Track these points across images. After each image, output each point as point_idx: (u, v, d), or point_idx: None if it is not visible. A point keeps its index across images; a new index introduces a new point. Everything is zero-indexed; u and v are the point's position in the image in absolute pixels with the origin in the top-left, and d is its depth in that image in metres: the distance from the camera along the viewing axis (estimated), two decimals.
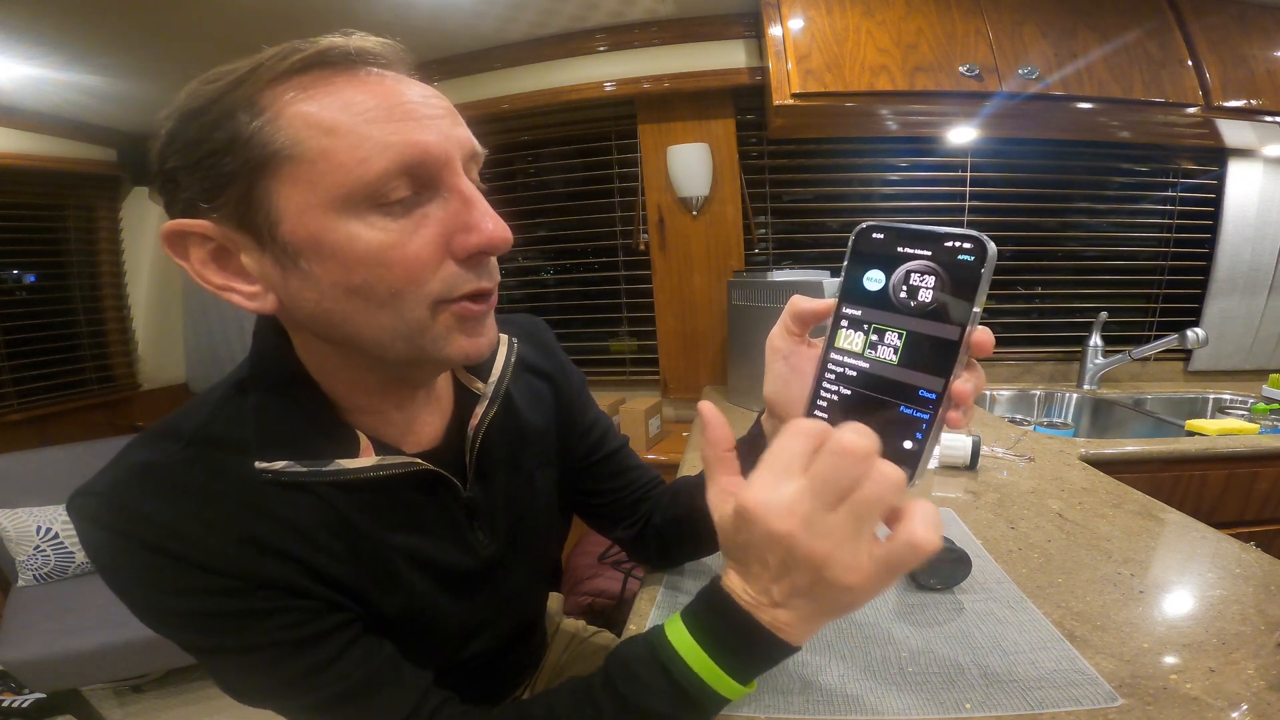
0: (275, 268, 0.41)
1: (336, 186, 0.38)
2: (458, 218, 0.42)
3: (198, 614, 0.42)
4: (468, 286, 0.43)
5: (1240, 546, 0.75)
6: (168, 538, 0.41)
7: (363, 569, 0.48)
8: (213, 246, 0.41)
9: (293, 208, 0.39)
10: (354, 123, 0.38)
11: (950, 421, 0.33)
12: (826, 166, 1.93)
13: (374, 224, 0.39)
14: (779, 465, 0.33)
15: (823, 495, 0.32)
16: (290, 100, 0.38)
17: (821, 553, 0.32)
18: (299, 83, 0.39)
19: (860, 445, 0.31)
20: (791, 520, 0.32)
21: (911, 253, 0.34)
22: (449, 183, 0.42)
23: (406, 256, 0.40)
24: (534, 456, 0.64)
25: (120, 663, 1.57)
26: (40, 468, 1.93)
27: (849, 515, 0.32)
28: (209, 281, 0.42)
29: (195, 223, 0.40)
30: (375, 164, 0.38)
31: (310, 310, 0.42)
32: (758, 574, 0.36)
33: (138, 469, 0.43)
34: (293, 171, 0.38)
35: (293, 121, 0.38)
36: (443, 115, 0.42)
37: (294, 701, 0.45)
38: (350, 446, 0.48)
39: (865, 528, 0.32)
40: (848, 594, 0.33)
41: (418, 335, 0.43)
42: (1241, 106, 1.47)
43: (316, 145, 0.38)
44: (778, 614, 0.36)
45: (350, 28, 0.42)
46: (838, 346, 0.37)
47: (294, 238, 0.39)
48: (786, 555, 0.33)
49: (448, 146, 0.41)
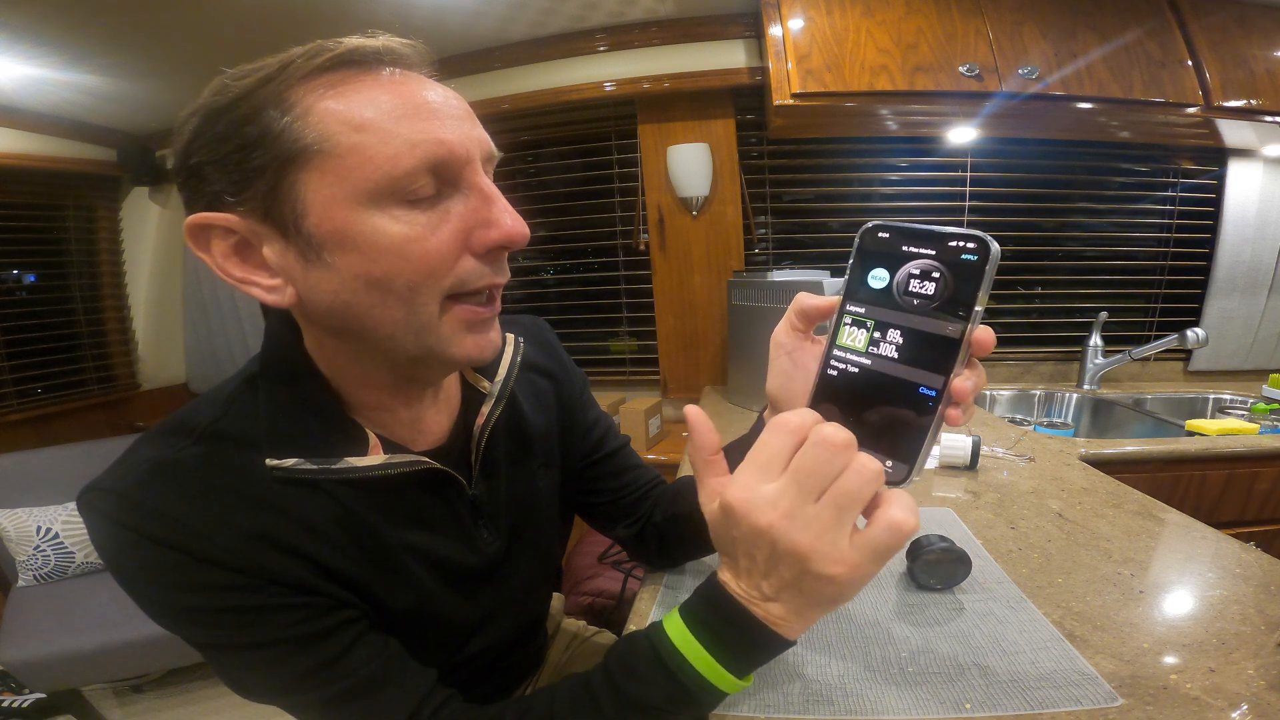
0: (298, 260, 0.42)
1: (365, 180, 0.39)
2: (478, 214, 0.43)
3: (207, 610, 0.42)
4: (481, 281, 0.44)
5: (1240, 546, 0.75)
6: (178, 533, 0.41)
7: (371, 566, 0.48)
8: (236, 240, 0.42)
9: (320, 200, 0.40)
10: (382, 120, 0.39)
11: (949, 419, 0.34)
12: (826, 166, 1.93)
13: (399, 217, 0.41)
14: (762, 461, 0.34)
15: (804, 488, 0.33)
16: (319, 97, 0.39)
17: (804, 545, 0.33)
18: (327, 80, 0.40)
19: (839, 437, 0.32)
20: (773, 513, 0.33)
21: (916, 251, 0.34)
22: (470, 180, 0.43)
23: (428, 250, 0.41)
24: (537, 455, 0.64)
25: (120, 663, 1.57)
26: (40, 468, 1.93)
27: (830, 506, 0.33)
28: (230, 274, 0.43)
29: (220, 216, 0.41)
30: (404, 160, 0.39)
31: (328, 303, 0.43)
32: (747, 569, 0.37)
33: (148, 465, 0.43)
34: (322, 165, 0.39)
35: (323, 118, 0.39)
36: (463, 117, 0.44)
37: (300, 698, 0.45)
38: (359, 444, 0.49)
39: (846, 518, 0.33)
40: (833, 585, 0.34)
41: (426, 332, 0.44)
42: (1241, 106, 1.47)
43: (347, 141, 0.39)
44: (770, 608, 0.37)
45: (368, 28, 0.43)
46: (840, 343, 0.37)
47: (320, 230, 0.40)
48: (771, 549, 0.34)
49: (469, 145, 0.43)
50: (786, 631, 0.37)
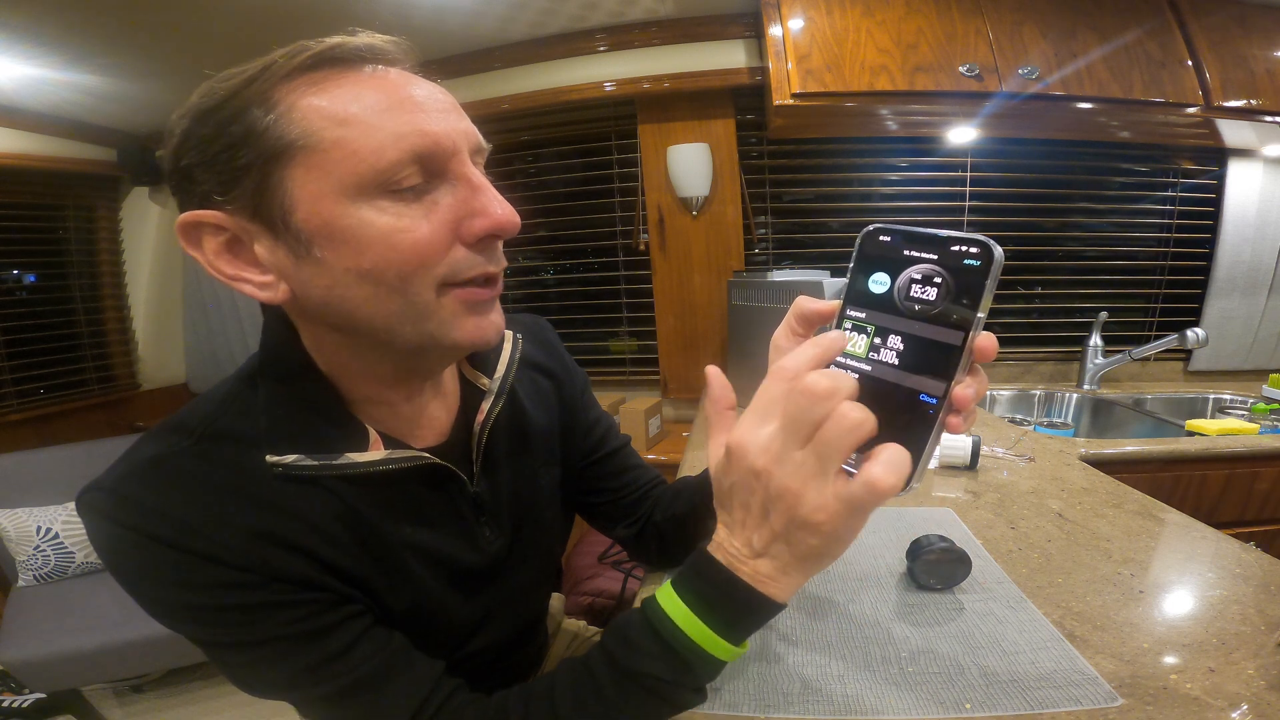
0: (288, 256, 0.42)
1: (351, 174, 0.40)
2: (466, 203, 0.43)
3: (209, 608, 0.42)
4: (475, 270, 0.45)
5: (1240, 546, 0.75)
6: (179, 532, 0.41)
7: (372, 562, 0.48)
8: (226, 237, 0.43)
9: (307, 196, 0.40)
10: (365, 114, 0.40)
11: (950, 426, 0.33)
12: (826, 166, 1.93)
13: (386, 209, 0.41)
14: (759, 406, 0.35)
15: (790, 433, 0.34)
16: (302, 94, 0.40)
17: (793, 489, 0.34)
18: (310, 78, 0.40)
19: (821, 385, 0.33)
20: (766, 456, 0.34)
21: (917, 256, 0.34)
22: (457, 171, 0.44)
23: (417, 240, 0.41)
24: (539, 454, 0.64)
25: (120, 663, 1.58)
26: (40, 468, 1.93)
27: (814, 453, 0.33)
28: (221, 272, 0.43)
29: (209, 214, 0.42)
30: (389, 152, 0.40)
31: (322, 298, 0.43)
32: (741, 520, 0.38)
33: (147, 463, 0.43)
34: (307, 161, 0.40)
35: (306, 114, 0.39)
36: (449, 109, 0.44)
37: (306, 693, 0.45)
38: (359, 440, 0.49)
39: (829, 466, 0.33)
40: (818, 534, 0.34)
41: (425, 319, 0.44)
42: (1241, 106, 1.47)
43: (331, 135, 0.39)
44: (759, 565, 0.38)
45: (354, 27, 0.43)
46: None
47: (308, 225, 0.41)
48: (765, 492, 0.35)
49: (455, 137, 0.43)
50: (775, 592, 0.38)
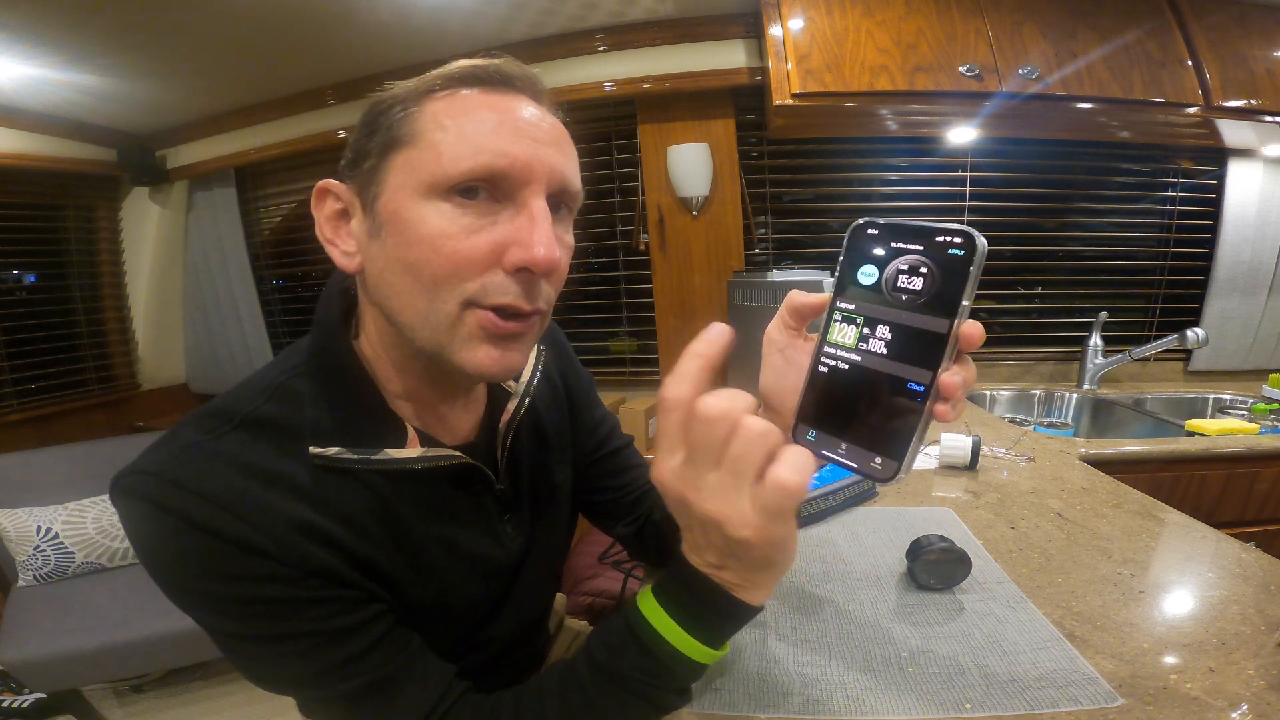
0: (367, 234, 0.46)
1: (427, 174, 0.43)
2: (518, 232, 0.44)
3: (239, 599, 0.41)
4: (504, 298, 0.44)
5: (1240, 546, 0.75)
6: (222, 520, 0.40)
7: (402, 557, 0.49)
8: (340, 206, 0.48)
9: (393, 185, 0.44)
10: (464, 124, 0.43)
11: (938, 415, 0.33)
12: (826, 166, 1.93)
13: (445, 213, 0.43)
14: (664, 442, 0.36)
15: (699, 459, 0.34)
16: (433, 100, 0.44)
17: (715, 512, 0.34)
18: (446, 89, 0.45)
19: (714, 408, 0.33)
20: (682, 486, 0.35)
21: (904, 248, 0.35)
22: (524, 199, 0.44)
23: (458, 249, 0.43)
24: (555, 453, 0.66)
25: (120, 663, 1.57)
26: (40, 468, 1.92)
27: (727, 473, 0.33)
28: (323, 232, 0.49)
29: (334, 183, 0.48)
30: (464, 162, 0.42)
31: (375, 279, 0.47)
32: (696, 541, 0.39)
33: (191, 448, 0.43)
34: (405, 154, 0.44)
35: (424, 116, 0.44)
36: (547, 142, 0.45)
37: (323, 691, 0.45)
38: (399, 436, 0.49)
39: (743, 482, 0.33)
40: (752, 548, 0.35)
41: (442, 330, 0.45)
42: (1241, 106, 1.47)
43: (430, 136, 0.43)
44: (723, 575, 0.39)
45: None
46: (831, 340, 0.37)
47: (385, 210, 0.44)
48: (697, 520, 0.36)
49: (535, 166, 0.44)
50: (747, 597, 0.39)
